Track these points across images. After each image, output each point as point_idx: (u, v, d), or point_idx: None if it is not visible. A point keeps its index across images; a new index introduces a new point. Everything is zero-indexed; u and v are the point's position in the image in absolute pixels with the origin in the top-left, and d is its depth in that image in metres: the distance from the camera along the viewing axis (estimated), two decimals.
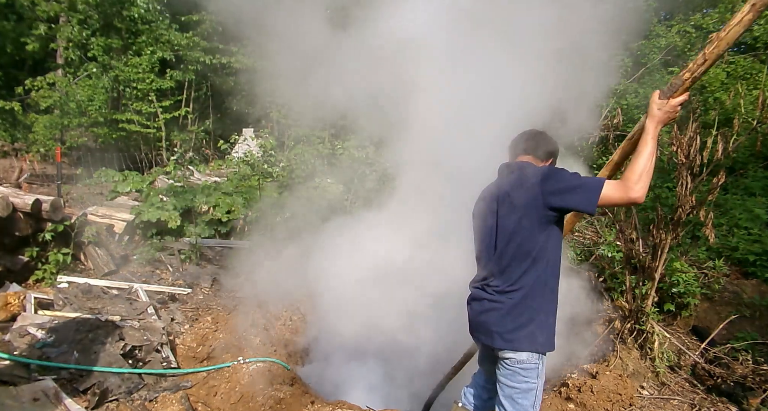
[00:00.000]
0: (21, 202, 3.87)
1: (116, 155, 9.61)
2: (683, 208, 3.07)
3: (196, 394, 2.80)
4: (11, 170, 8.12)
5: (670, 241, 3.18)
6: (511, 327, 1.83)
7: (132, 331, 3.14)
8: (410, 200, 3.93)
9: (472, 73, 3.28)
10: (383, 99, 3.79)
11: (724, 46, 1.53)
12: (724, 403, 2.97)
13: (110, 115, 9.91)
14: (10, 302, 3.20)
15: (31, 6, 8.92)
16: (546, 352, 1.86)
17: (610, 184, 1.68)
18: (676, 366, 3.29)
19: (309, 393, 2.94)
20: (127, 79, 9.40)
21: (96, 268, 4.32)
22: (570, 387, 2.84)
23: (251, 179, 7.70)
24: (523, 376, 1.85)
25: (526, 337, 1.82)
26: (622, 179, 1.68)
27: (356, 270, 3.76)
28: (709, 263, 4.32)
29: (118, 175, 7.35)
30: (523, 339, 1.82)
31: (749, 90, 7.37)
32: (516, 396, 1.88)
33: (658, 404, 2.92)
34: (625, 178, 1.66)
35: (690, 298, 3.76)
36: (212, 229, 5.56)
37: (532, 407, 1.88)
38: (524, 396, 1.87)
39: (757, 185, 6.33)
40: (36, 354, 2.75)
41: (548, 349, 1.86)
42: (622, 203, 1.71)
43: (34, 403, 2.32)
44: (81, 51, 9.37)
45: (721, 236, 4.85)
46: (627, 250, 3.48)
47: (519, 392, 1.87)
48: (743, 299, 3.90)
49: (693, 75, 1.62)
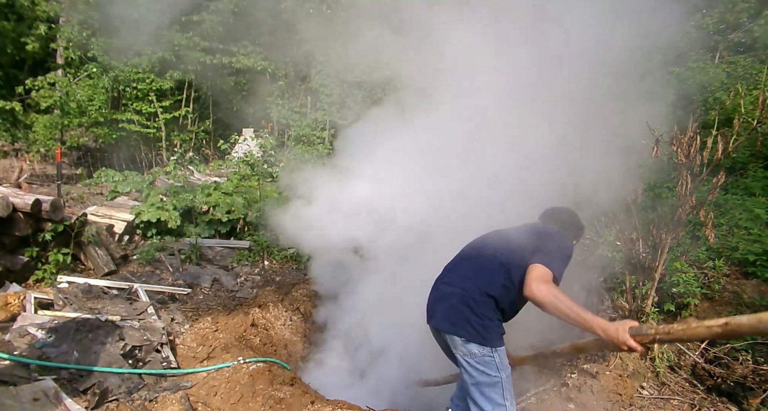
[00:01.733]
0: (21, 202, 3.87)
1: (116, 155, 9.61)
2: (683, 208, 3.07)
3: (196, 394, 2.80)
4: (11, 170, 8.13)
5: (670, 241, 3.18)
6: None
7: (132, 331, 3.14)
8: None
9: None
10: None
11: (688, 336, 1.54)
12: (724, 403, 2.97)
13: (110, 115, 9.91)
14: (10, 302, 3.20)
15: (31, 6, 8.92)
16: (496, 346, 2.00)
17: (544, 272, 1.86)
18: (676, 366, 3.29)
19: (309, 393, 2.94)
20: (127, 79, 9.39)
21: (96, 268, 4.32)
22: (570, 387, 2.84)
23: (251, 179, 7.71)
24: (482, 370, 1.99)
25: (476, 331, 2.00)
26: (548, 281, 1.83)
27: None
28: (709, 263, 4.32)
29: (118, 175, 7.35)
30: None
31: (749, 90, 7.36)
32: (484, 390, 2.00)
33: (658, 404, 2.92)
34: (557, 289, 1.80)
35: (690, 298, 3.76)
36: (212, 229, 5.56)
37: (503, 399, 2.00)
38: (492, 390, 2.00)
39: (757, 185, 6.32)
40: (36, 354, 2.75)
41: (498, 344, 2.01)
42: (526, 289, 1.87)
43: (34, 403, 2.32)
44: (81, 51, 9.37)
45: (721, 236, 4.84)
46: (627, 250, 3.48)
47: (485, 386, 2.00)
48: (743, 299, 3.90)
49: (656, 335, 1.58)
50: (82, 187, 7.36)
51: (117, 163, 9.37)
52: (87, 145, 10.58)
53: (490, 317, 2.01)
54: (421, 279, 2.51)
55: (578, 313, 1.71)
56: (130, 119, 9.52)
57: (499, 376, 2.01)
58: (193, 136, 11.05)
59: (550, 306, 1.76)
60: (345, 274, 4.36)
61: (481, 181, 3.26)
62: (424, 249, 3.47)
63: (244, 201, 5.93)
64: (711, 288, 4.01)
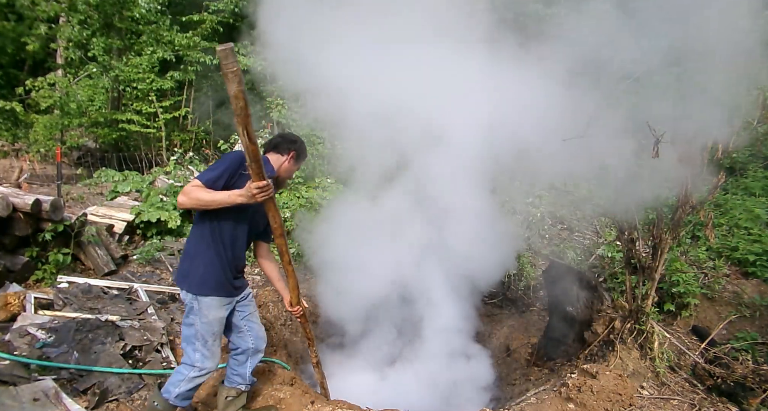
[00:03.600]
0: (21, 202, 3.87)
1: (116, 155, 9.61)
2: (683, 208, 3.07)
3: (196, 394, 2.80)
4: (11, 170, 8.13)
5: (670, 241, 3.18)
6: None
7: (132, 331, 3.14)
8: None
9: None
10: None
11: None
12: (724, 403, 2.97)
13: (110, 115, 9.90)
14: (10, 302, 3.20)
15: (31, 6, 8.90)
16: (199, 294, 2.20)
17: (189, 184, 2.06)
18: (676, 366, 3.29)
19: (309, 393, 2.94)
20: (128, 79, 9.38)
21: (96, 268, 4.32)
22: (570, 387, 2.84)
23: None
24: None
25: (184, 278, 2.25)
26: (192, 188, 2.02)
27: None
28: (709, 263, 4.32)
29: (118, 175, 7.34)
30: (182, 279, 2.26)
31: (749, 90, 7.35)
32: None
33: (658, 404, 2.92)
34: (193, 189, 2.01)
35: (690, 298, 3.76)
36: None
37: (194, 337, 2.25)
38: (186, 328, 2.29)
39: (757, 185, 6.33)
40: (36, 354, 2.75)
41: (197, 292, 2.20)
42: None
43: (34, 403, 2.32)
44: (81, 51, 9.36)
45: (721, 236, 4.85)
46: (627, 250, 3.48)
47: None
48: (743, 299, 3.90)
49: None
50: (82, 187, 7.36)
51: (117, 163, 9.36)
52: (87, 145, 10.58)
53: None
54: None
55: (214, 196, 2.00)
56: (130, 119, 9.50)
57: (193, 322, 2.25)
58: (193, 136, 11.03)
59: (190, 204, 2.00)
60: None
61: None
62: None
63: None
64: (711, 288, 4.02)
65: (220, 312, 2.28)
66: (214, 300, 2.23)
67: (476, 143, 3.68)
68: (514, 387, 3.73)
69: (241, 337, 2.47)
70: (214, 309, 2.24)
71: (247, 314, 2.47)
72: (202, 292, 2.21)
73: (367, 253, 3.92)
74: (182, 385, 2.27)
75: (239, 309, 2.44)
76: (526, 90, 3.39)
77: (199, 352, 2.26)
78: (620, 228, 3.45)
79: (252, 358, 2.53)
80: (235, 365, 2.54)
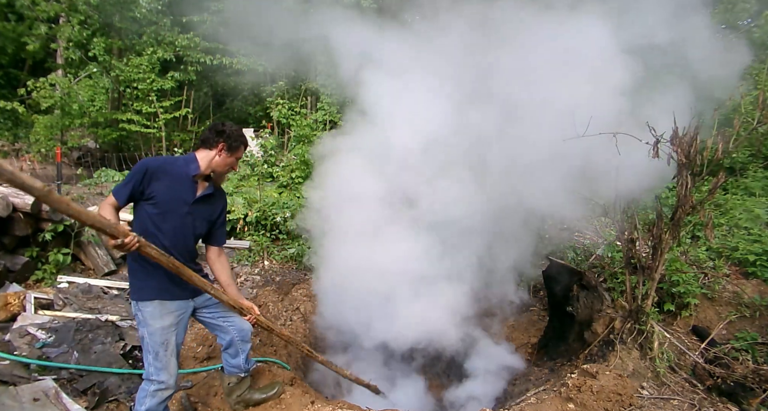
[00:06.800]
0: (21, 202, 3.88)
1: (116, 155, 9.61)
2: (683, 208, 3.07)
3: (196, 394, 2.80)
4: None
5: (670, 241, 3.18)
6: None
7: (132, 331, 3.15)
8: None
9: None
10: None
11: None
12: (724, 403, 2.97)
13: (111, 115, 9.91)
14: (10, 302, 3.20)
15: (31, 6, 8.90)
16: (138, 299, 2.17)
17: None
18: (676, 366, 3.29)
19: (309, 393, 2.94)
20: (128, 80, 9.39)
21: (96, 268, 4.32)
22: (570, 387, 2.84)
23: (251, 179, 7.71)
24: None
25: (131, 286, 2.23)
26: (103, 203, 2.06)
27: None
28: (709, 263, 4.31)
29: (118, 175, 7.34)
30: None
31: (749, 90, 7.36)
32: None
33: (658, 404, 2.91)
34: (103, 205, 2.06)
35: (690, 298, 3.76)
36: None
37: (146, 350, 2.18)
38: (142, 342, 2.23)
39: (757, 185, 6.33)
40: (36, 354, 2.75)
41: (138, 298, 2.17)
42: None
43: (34, 403, 2.32)
44: (81, 51, 9.36)
45: (721, 236, 4.85)
46: (627, 250, 3.48)
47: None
48: (743, 299, 3.89)
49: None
50: (82, 187, 7.36)
51: (117, 163, 9.36)
52: (87, 145, 10.58)
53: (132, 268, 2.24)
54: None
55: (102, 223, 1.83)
56: (130, 119, 9.51)
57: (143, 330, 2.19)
58: (194, 136, 11.05)
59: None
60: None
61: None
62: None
63: (244, 201, 5.93)
64: (711, 288, 4.01)
65: (166, 320, 2.19)
66: (156, 307, 2.16)
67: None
68: (514, 387, 3.73)
69: (225, 333, 2.49)
70: (158, 317, 2.17)
71: (222, 312, 2.45)
72: (143, 297, 2.16)
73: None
74: (146, 401, 2.18)
75: (212, 310, 2.42)
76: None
77: (152, 365, 2.18)
78: (620, 228, 3.45)
79: (242, 349, 2.56)
80: (228, 359, 2.59)
